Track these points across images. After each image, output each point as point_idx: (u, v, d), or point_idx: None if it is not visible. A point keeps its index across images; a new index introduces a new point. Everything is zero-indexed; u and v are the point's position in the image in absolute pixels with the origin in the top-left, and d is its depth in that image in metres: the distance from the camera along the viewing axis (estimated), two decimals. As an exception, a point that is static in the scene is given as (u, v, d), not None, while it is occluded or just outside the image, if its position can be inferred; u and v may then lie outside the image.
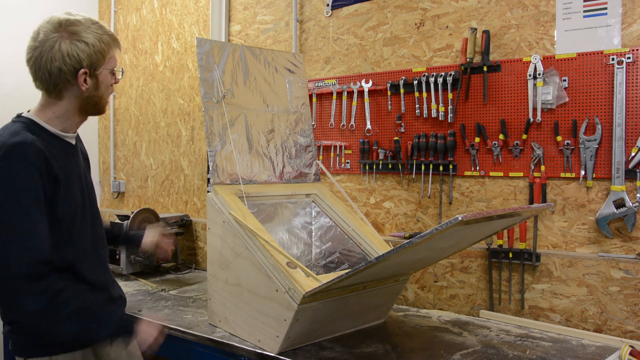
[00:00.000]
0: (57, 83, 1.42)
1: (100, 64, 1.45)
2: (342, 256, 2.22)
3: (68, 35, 1.41)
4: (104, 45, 1.44)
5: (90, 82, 1.45)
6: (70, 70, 1.40)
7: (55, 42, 1.40)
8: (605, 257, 2.06)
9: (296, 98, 2.40)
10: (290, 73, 2.41)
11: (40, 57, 1.40)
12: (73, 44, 1.40)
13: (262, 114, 2.26)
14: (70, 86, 1.44)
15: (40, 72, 1.42)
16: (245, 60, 2.25)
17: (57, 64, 1.39)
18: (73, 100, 1.46)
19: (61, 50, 1.39)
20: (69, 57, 1.39)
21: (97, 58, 1.43)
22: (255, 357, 1.82)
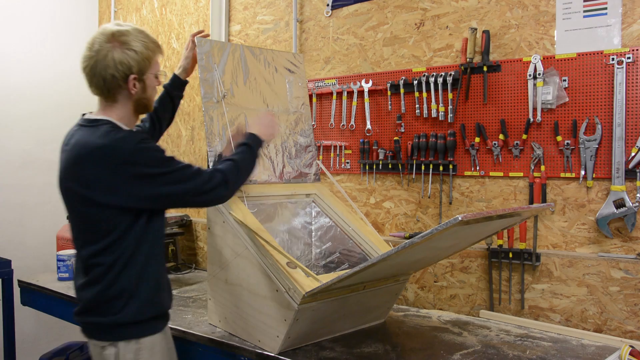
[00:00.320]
0: (111, 88, 1.58)
1: (146, 69, 1.61)
2: (342, 256, 2.22)
3: (119, 45, 1.56)
4: (150, 52, 1.60)
5: (139, 85, 1.61)
6: (121, 76, 1.56)
7: (108, 51, 1.55)
8: (605, 257, 2.06)
9: (296, 98, 2.40)
10: (290, 73, 2.41)
11: (95, 66, 1.56)
12: (124, 53, 1.55)
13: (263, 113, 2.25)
14: (122, 90, 1.59)
15: (95, 79, 1.58)
16: (245, 60, 2.24)
17: (111, 71, 1.55)
18: (126, 102, 1.62)
19: (114, 58, 1.55)
20: (120, 65, 1.55)
21: (144, 64, 1.59)
22: (255, 357, 1.82)
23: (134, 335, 1.59)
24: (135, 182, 1.51)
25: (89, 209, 1.54)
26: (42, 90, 3.79)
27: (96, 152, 1.50)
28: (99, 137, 1.52)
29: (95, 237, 1.56)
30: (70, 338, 3.68)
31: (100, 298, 1.57)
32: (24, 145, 3.71)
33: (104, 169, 1.49)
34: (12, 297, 2.99)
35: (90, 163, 1.50)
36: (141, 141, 1.54)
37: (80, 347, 3.37)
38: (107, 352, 1.58)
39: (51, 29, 3.85)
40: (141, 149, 1.53)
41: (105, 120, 1.59)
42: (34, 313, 3.30)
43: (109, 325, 1.58)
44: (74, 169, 1.54)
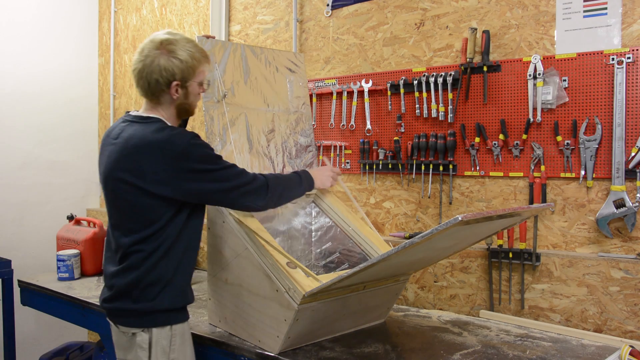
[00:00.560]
0: (154, 91, 1.69)
1: (190, 77, 1.70)
2: (342, 256, 2.22)
3: (166, 53, 1.66)
4: (195, 61, 1.70)
5: (181, 92, 1.71)
6: (165, 81, 1.67)
7: (155, 57, 1.66)
8: (605, 257, 2.06)
9: (297, 98, 2.40)
10: (291, 72, 2.41)
11: (143, 70, 1.67)
12: (169, 60, 1.66)
13: (263, 113, 2.25)
14: (164, 94, 1.70)
15: (142, 81, 1.69)
16: (246, 60, 2.24)
17: (155, 76, 1.66)
18: (169, 106, 1.73)
19: (160, 64, 1.65)
20: (165, 71, 1.66)
21: (188, 72, 1.69)
22: (255, 357, 1.82)
23: (168, 321, 1.68)
24: (187, 175, 1.61)
25: (139, 199, 1.63)
26: (42, 90, 3.79)
27: (153, 145, 1.60)
28: (154, 131, 1.63)
29: (139, 225, 1.65)
30: (70, 338, 3.69)
31: (136, 284, 1.65)
32: (24, 145, 3.71)
33: (159, 161, 1.59)
34: (12, 297, 2.99)
35: (147, 155, 1.60)
36: (194, 137, 1.64)
37: (80, 347, 3.38)
38: (140, 338, 1.66)
39: (51, 29, 3.85)
40: (194, 145, 1.62)
41: (156, 117, 1.70)
42: (34, 313, 3.30)
43: (143, 311, 1.66)
44: (128, 160, 1.63)
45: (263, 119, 2.25)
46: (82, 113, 4.08)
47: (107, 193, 1.73)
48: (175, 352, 1.69)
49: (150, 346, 1.66)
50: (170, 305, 1.69)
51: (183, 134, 1.64)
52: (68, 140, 3.96)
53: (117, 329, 1.72)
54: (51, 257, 3.16)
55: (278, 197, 1.82)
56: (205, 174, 1.64)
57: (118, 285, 1.68)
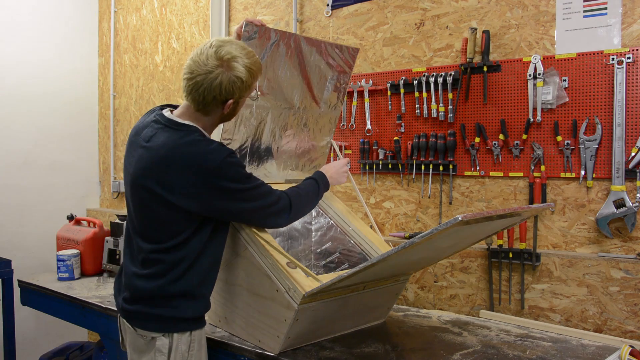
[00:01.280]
0: (207, 105, 1.62)
1: (245, 94, 1.66)
2: (342, 256, 2.22)
3: (228, 70, 1.58)
4: (252, 79, 1.64)
5: (233, 106, 1.66)
6: (222, 99, 1.61)
7: (218, 75, 1.57)
8: (605, 257, 2.06)
9: (331, 98, 2.26)
10: (336, 70, 2.21)
11: (202, 84, 1.58)
12: (231, 80, 1.59)
13: (287, 113, 2.14)
14: (216, 109, 1.65)
15: (197, 94, 1.60)
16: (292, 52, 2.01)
17: (214, 93, 1.59)
18: (216, 117, 1.69)
19: (221, 84, 1.58)
20: (225, 90, 1.59)
21: (244, 90, 1.64)
22: (255, 357, 1.82)
23: (189, 328, 1.68)
24: (217, 193, 1.58)
25: (165, 211, 1.60)
26: (42, 90, 3.79)
27: (186, 159, 1.56)
28: (189, 144, 1.58)
29: (162, 235, 1.63)
30: (70, 338, 3.69)
31: (159, 292, 1.63)
32: (24, 145, 3.71)
33: (190, 176, 1.55)
34: (12, 297, 2.99)
35: (178, 168, 1.56)
36: (229, 155, 1.59)
37: (80, 347, 3.38)
38: (160, 342, 1.65)
39: (51, 29, 3.85)
40: (228, 164, 1.58)
41: (194, 127, 1.64)
42: (34, 313, 3.30)
43: (165, 317, 1.65)
44: (157, 170, 1.59)
45: (285, 118, 2.14)
46: (82, 113, 4.08)
47: (133, 198, 1.68)
48: (193, 357, 1.69)
49: (170, 351, 1.65)
50: (193, 314, 1.69)
51: (218, 151, 1.59)
52: (68, 140, 3.96)
53: (134, 331, 1.69)
54: (51, 257, 3.16)
55: (300, 213, 1.84)
56: (235, 194, 1.62)
57: (141, 288, 1.65)
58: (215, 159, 1.57)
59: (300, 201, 1.81)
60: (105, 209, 4.02)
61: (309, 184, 1.92)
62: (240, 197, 1.63)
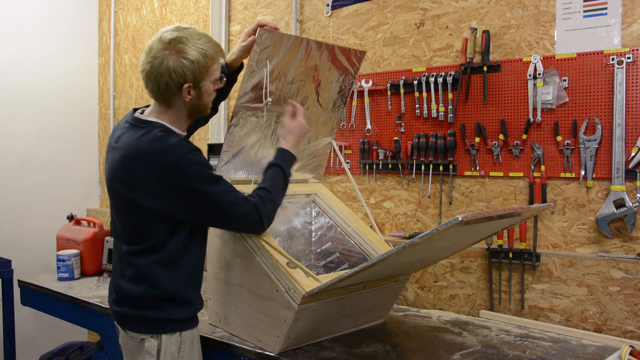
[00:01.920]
0: (165, 95, 1.58)
1: (203, 77, 1.58)
2: (342, 256, 2.22)
3: (175, 53, 1.53)
4: (208, 60, 1.57)
5: (194, 93, 1.59)
6: (175, 84, 1.55)
7: (163, 59, 1.53)
8: (605, 257, 2.06)
9: (334, 99, 2.26)
10: (342, 73, 2.20)
11: (151, 72, 1.55)
12: (179, 61, 1.53)
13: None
14: (176, 97, 1.58)
15: (150, 84, 1.58)
16: (303, 55, 1.99)
17: (165, 79, 1.54)
18: (181, 108, 1.62)
19: (168, 67, 1.53)
20: (175, 74, 1.53)
21: (200, 73, 1.56)
22: (255, 357, 1.82)
23: (177, 329, 1.65)
24: (177, 192, 1.52)
25: (132, 212, 1.57)
26: (42, 90, 3.79)
27: (144, 156, 1.51)
28: (149, 141, 1.53)
29: (136, 239, 1.59)
30: (70, 338, 3.69)
31: (144, 296, 1.61)
32: (24, 145, 3.71)
33: (149, 173, 1.51)
34: (12, 297, 2.99)
35: (137, 167, 1.52)
36: (191, 152, 1.53)
37: (80, 347, 3.38)
38: (148, 344, 1.62)
39: (51, 29, 3.85)
40: (189, 160, 1.52)
41: (158, 123, 1.59)
42: (34, 313, 3.30)
43: (152, 319, 1.62)
44: (121, 170, 1.56)
45: None
46: (82, 113, 4.09)
47: (110, 201, 1.68)
48: (184, 358, 1.66)
49: (158, 353, 1.62)
50: (180, 316, 1.65)
51: (179, 146, 1.52)
52: (68, 141, 3.96)
53: (125, 333, 1.68)
54: (51, 257, 3.16)
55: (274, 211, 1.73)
56: (197, 195, 1.53)
57: (125, 291, 1.63)
58: (175, 154, 1.50)
59: (273, 203, 1.71)
60: (105, 209, 4.02)
61: (275, 175, 1.76)
62: (202, 200, 1.54)
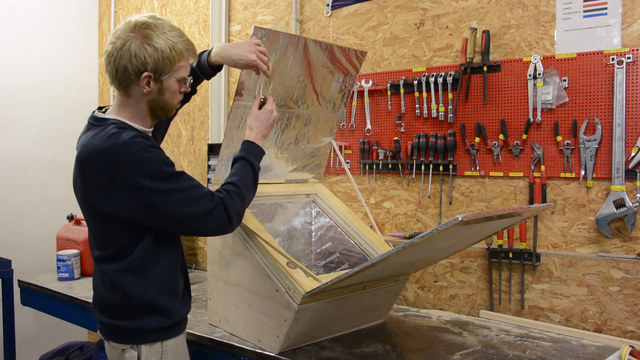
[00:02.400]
0: (122, 80, 1.47)
1: (166, 70, 1.47)
2: (342, 256, 2.22)
3: (140, 37, 1.44)
4: (174, 53, 1.46)
5: (154, 86, 1.48)
6: (134, 70, 1.44)
7: (126, 41, 1.44)
8: (605, 257, 2.06)
9: (335, 99, 2.25)
10: (342, 73, 2.19)
11: (112, 54, 1.46)
12: (142, 47, 1.43)
13: (290, 114, 2.12)
14: (134, 86, 1.48)
15: (109, 67, 1.48)
16: (300, 55, 1.99)
17: (124, 62, 1.44)
18: (139, 100, 1.51)
19: (130, 50, 1.43)
20: (135, 58, 1.43)
21: (163, 64, 1.46)
22: (255, 357, 1.82)
23: (157, 338, 1.54)
24: (131, 192, 1.39)
25: (94, 216, 1.49)
26: (42, 90, 3.79)
27: (94, 155, 1.41)
28: (101, 139, 1.42)
29: (103, 244, 1.51)
30: (70, 338, 3.69)
31: (118, 304, 1.52)
32: (24, 145, 3.71)
33: (101, 173, 1.40)
34: (12, 297, 2.99)
35: (89, 167, 1.43)
36: (144, 149, 1.40)
37: (80, 347, 3.38)
38: (128, 355, 1.52)
39: (51, 30, 3.85)
40: (141, 158, 1.38)
41: (113, 120, 1.50)
42: (34, 313, 3.30)
43: (130, 329, 1.52)
44: (77, 173, 1.48)
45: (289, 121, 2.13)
46: (82, 113, 4.07)
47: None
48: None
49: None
50: (158, 325, 1.53)
51: (131, 142, 1.39)
52: (68, 140, 3.95)
53: (107, 343, 1.60)
54: (51, 257, 3.16)
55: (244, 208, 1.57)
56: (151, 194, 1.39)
57: (102, 298, 1.55)
58: (126, 152, 1.38)
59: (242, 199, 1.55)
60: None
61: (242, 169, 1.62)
62: (159, 198, 1.40)
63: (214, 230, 1.51)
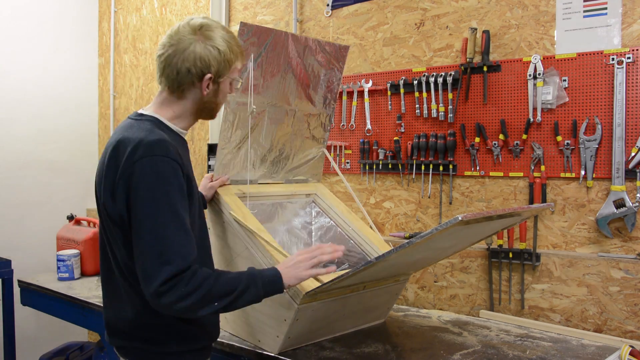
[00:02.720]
0: (182, 83, 1.43)
1: (225, 72, 1.46)
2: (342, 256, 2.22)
3: (203, 39, 1.42)
4: (233, 55, 1.46)
5: (212, 87, 1.46)
6: (197, 73, 1.42)
7: (190, 43, 1.41)
8: (605, 257, 2.06)
9: (324, 96, 2.26)
10: (328, 67, 2.20)
11: (173, 55, 1.41)
12: (207, 49, 1.41)
13: (284, 112, 2.13)
14: (193, 88, 1.45)
15: (169, 69, 1.43)
16: (286, 50, 2.02)
17: (188, 64, 1.41)
18: (193, 102, 1.47)
19: (195, 52, 1.40)
20: (200, 61, 1.41)
21: (224, 66, 1.44)
22: (255, 357, 1.82)
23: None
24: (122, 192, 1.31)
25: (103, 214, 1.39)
26: (42, 90, 3.79)
27: (118, 144, 1.34)
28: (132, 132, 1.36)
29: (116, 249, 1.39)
30: (70, 338, 3.69)
31: (135, 323, 1.41)
32: (24, 145, 3.71)
33: (111, 165, 1.34)
34: (12, 297, 2.99)
35: (111, 155, 1.35)
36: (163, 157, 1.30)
37: (80, 347, 3.38)
38: None
39: (51, 29, 3.85)
40: (153, 163, 1.29)
41: (151, 117, 1.44)
42: (34, 313, 3.30)
43: (151, 353, 1.42)
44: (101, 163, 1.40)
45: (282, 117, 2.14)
46: (82, 113, 4.09)
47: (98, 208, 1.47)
48: None
49: None
50: (179, 348, 1.43)
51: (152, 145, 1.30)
52: (68, 141, 3.96)
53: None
54: (51, 257, 3.16)
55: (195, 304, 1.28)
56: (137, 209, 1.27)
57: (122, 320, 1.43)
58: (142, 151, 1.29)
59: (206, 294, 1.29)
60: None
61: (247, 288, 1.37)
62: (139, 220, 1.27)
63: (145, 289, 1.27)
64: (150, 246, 1.26)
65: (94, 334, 3.85)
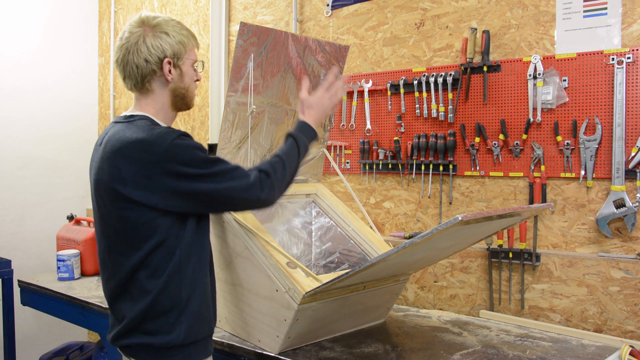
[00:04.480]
0: (145, 75, 1.49)
1: (182, 54, 1.52)
2: (342, 256, 2.22)
3: (150, 29, 1.49)
4: (183, 37, 1.52)
5: (175, 72, 1.52)
6: (155, 60, 1.48)
7: (139, 36, 1.48)
8: (605, 257, 2.06)
9: None
10: (327, 67, 2.20)
11: (127, 53, 1.48)
12: (156, 36, 1.48)
13: (283, 112, 2.14)
14: (157, 77, 1.51)
15: (129, 67, 1.49)
16: (286, 50, 2.03)
17: (143, 55, 1.47)
18: (162, 92, 1.53)
19: (146, 42, 1.47)
20: (153, 48, 1.47)
21: (178, 48, 1.50)
22: (255, 357, 1.82)
23: (189, 357, 1.48)
24: (170, 180, 1.39)
25: (126, 210, 1.42)
26: (42, 90, 3.79)
27: (131, 146, 1.39)
28: (135, 131, 1.42)
29: (135, 242, 1.43)
30: (70, 338, 3.69)
31: (147, 313, 1.44)
32: (24, 145, 3.71)
33: (139, 164, 1.38)
34: (12, 297, 2.99)
35: (126, 158, 1.40)
36: (179, 137, 1.41)
37: (80, 347, 3.38)
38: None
39: (51, 30, 3.85)
40: (178, 145, 1.39)
41: (141, 115, 1.50)
42: (34, 313, 3.30)
43: (158, 347, 1.45)
44: (109, 164, 1.43)
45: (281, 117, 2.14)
46: (82, 113, 4.08)
47: (98, 207, 1.50)
48: None
49: None
50: (187, 337, 1.47)
51: (167, 132, 1.40)
52: (68, 140, 3.96)
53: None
54: (51, 257, 3.16)
55: (284, 182, 1.56)
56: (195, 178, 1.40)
57: (129, 317, 1.46)
58: (163, 141, 1.38)
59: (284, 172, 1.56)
60: (105, 209, 4.02)
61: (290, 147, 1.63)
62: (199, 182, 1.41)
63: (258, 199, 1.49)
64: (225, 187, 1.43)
65: (94, 334, 3.85)
